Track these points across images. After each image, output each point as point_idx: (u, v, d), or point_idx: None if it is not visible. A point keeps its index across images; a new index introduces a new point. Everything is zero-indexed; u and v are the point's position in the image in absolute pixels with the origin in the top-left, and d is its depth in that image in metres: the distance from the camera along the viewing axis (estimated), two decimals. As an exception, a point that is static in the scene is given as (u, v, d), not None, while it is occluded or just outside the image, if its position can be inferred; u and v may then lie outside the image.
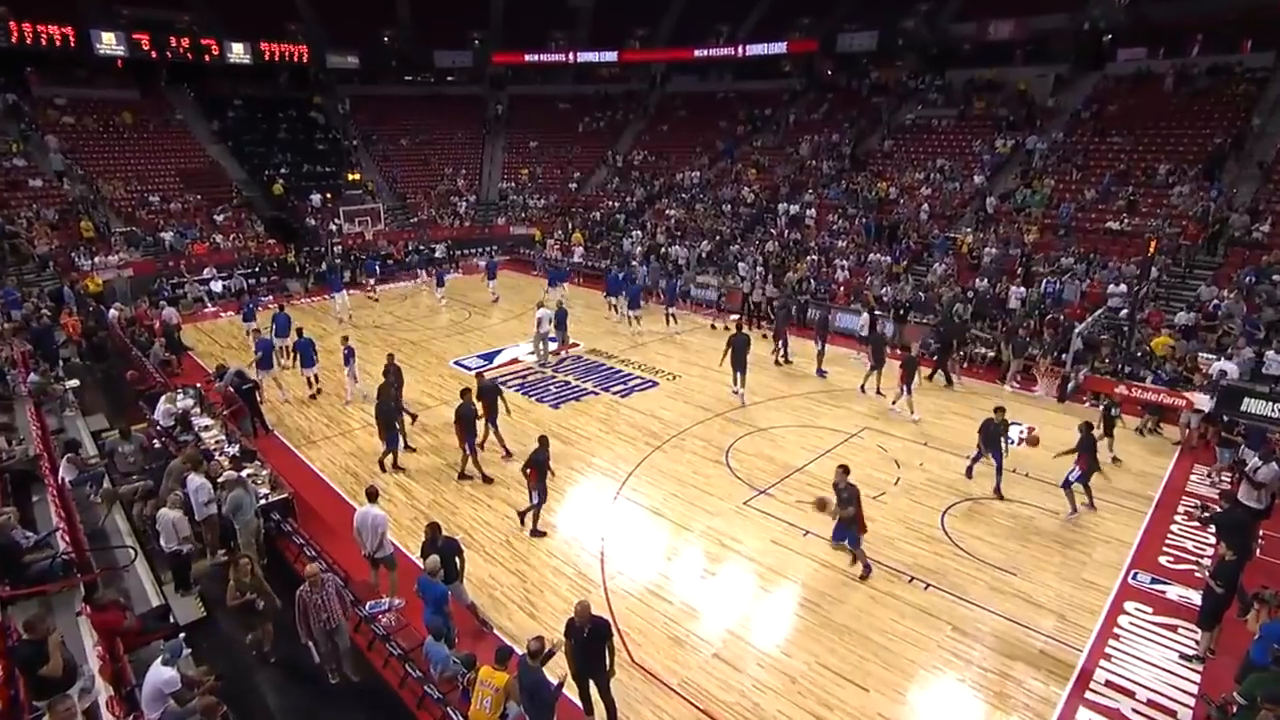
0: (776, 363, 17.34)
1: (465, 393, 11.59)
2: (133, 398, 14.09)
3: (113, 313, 20.03)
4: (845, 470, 9.06)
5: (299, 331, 15.85)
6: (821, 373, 16.55)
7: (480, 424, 11.82)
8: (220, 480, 9.31)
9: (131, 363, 16.44)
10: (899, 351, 16.72)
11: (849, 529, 8.99)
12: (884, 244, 23.42)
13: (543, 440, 10.01)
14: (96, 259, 23.74)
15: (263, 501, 9.63)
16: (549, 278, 24.26)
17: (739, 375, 15.02)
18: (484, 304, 23.83)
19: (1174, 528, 10.40)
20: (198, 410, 12.96)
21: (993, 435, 11.15)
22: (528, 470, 9.96)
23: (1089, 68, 27.75)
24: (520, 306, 22.91)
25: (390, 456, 12.00)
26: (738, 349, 14.93)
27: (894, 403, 14.35)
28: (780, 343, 17.45)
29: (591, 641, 6.57)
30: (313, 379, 15.54)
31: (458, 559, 8.05)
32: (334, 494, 11.40)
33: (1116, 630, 8.25)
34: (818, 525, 10.28)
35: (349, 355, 14.95)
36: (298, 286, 26.23)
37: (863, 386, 15.57)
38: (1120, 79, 26.56)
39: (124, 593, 8.03)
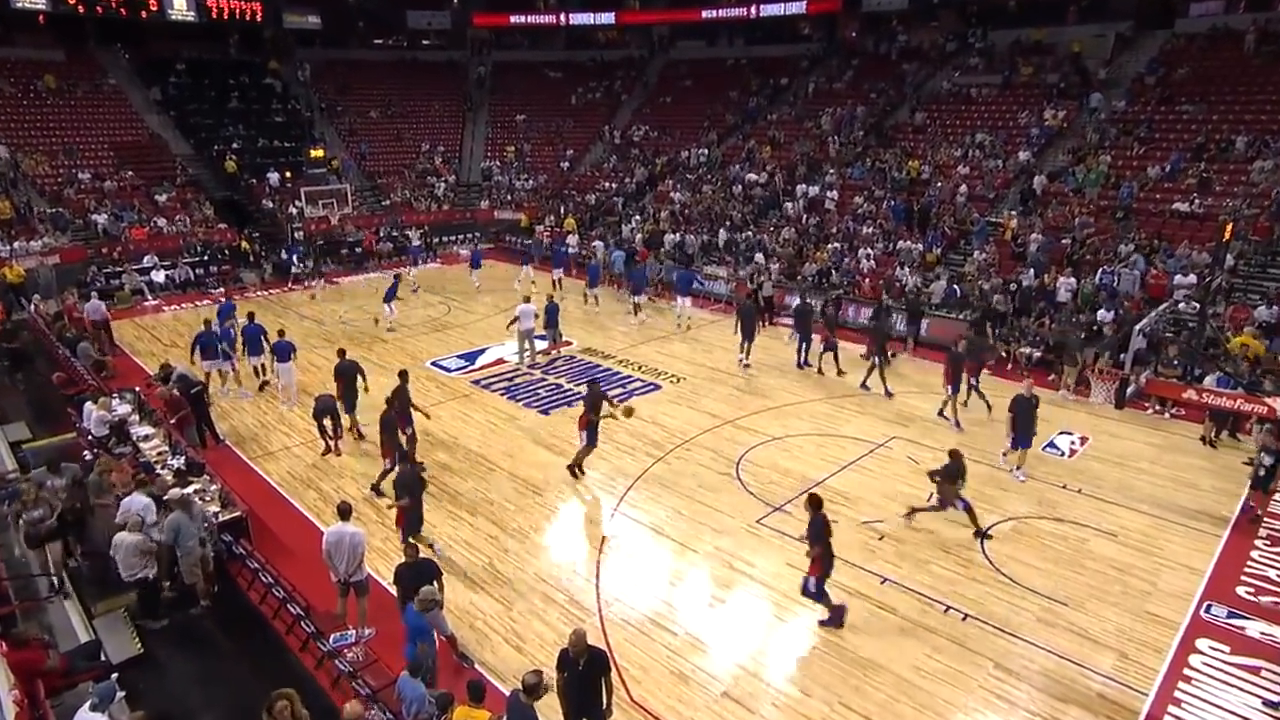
0: (799, 365, 17.33)
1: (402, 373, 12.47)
2: (60, 403, 14.09)
3: (35, 306, 20.03)
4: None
5: (250, 316, 16.24)
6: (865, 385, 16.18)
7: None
8: (164, 499, 9.30)
9: (58, 363, 16.43)
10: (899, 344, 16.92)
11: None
12: (915, 230, 23.45)
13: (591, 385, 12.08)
14: (16, 244, 23.60)
15: (207, 524, 9.58)
16: (553, 262, 24.18)
17: (746, 344, 16.71)
18: (465, 297, 23.85)
19: (1254, 553, 10.35)
20: (136, 417, 12.95)
21: (1025, 414, 11.96)
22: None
23: (1155, 25, 27.56)
24: (508, 300, 22.91)
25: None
26: (746, 317, 16.59)
27: (941, 411, 14.41)
28: (803, 344, 17.35)
29: (588, 675, 6.56)
30: (259, 369, 16.02)
31: (435, 584, 8.05)
32: (293, 511, 11.39)
33: (1187, 672, 8.20)
34: (840, 546, 10.24)
35: (286, 350, 14.97)
36: (253, 277, 26.24)
37: (864, 383, 15.92)
38: (1192, 37, 26.34)
39: (47, 628, 7.98)
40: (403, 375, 12.54)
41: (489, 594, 9.42)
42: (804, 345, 17.36)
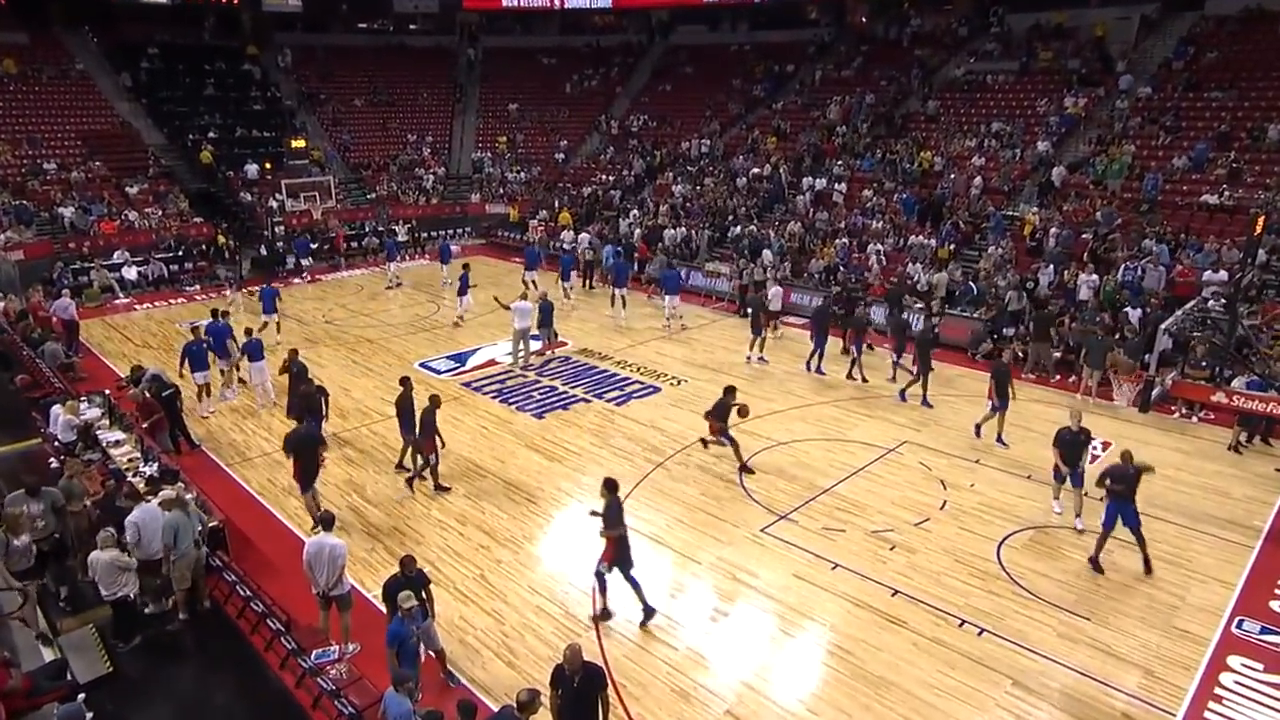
0: (809, 368, 17.30)
1: (404, 380, 12.58)
2: (25, 407, 14.05)
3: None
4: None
5: (215, 314, 16.28)
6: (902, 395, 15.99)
7: None
8: (158, 501, 9.27)
9: (23, 365, 16.41)
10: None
11: None
12: (927, 224, 23.48)
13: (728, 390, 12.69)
14: (-23, 239, 23.62)
15: (201, 524, 9.55)
16: (562, 271, 23.82)
17: (757, 340, 17.64)
18: (453, 295, 23.81)
19: (1288, 565, 10.33)
20: (106, 422, 12.93)
21: (1002, 380, 13.01)
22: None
23: (1183, 6, 27.47)
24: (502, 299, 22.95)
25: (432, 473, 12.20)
26: (756, 310, 17.82)
27: (979, 428, 14.08)
28: (818, 348, 17.12)
29: (584, 693, 6.55)
30: (223, 371, 16.08)
31: (424, 593, 8.03)
32: (275, 521, 11.38)
33: (1218, 691, 8.18)
34: (849, 557, 10.28)
35: (257, 348, 15.01)
36: (230, 275, 26.19)
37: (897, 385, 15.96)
38: (1222, 20, 26.31)
39: (9, 646, 7.95)
40: (431, 401, 12.12)
41: (480, 607, 9.40)
42: (819, 349, 17.12)
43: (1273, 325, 16.33)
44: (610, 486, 9.04)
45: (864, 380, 16.54)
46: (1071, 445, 10.92)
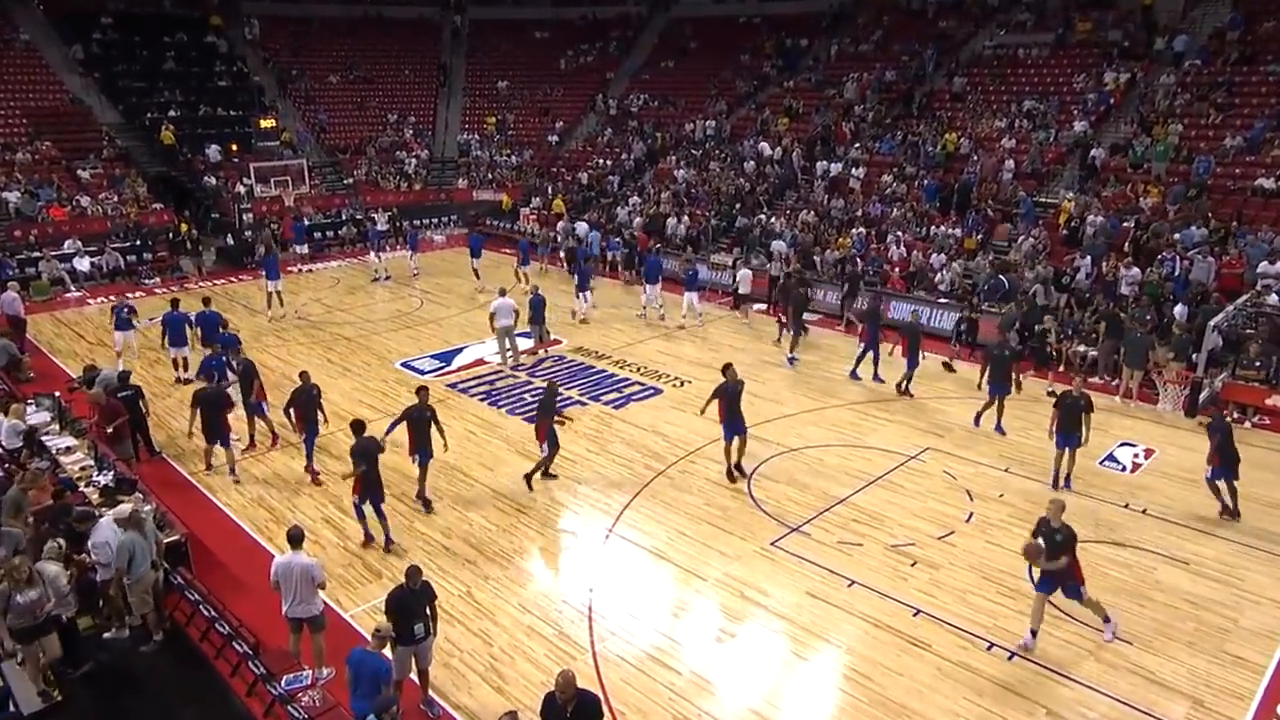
0: (854, 375, 16.94)
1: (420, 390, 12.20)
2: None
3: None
4: (1061, 506, 8.97)
5: (174, 303, 16.93)
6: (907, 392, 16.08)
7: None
8: (113, 517, 9.23)
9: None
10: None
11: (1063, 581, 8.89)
12: (952, 213, 23.47)
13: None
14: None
15: (158, 542, 9.52)
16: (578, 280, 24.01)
17: (794, 336, 17.76)
18: (439, 290, 23.89)
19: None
20: (56, 427, 12.90)
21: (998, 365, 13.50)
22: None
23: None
24: (488, 294, 22.95)
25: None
26: (794, 303, 17.80)
27: (978, 417, 14.54)
28: (871, 352, 16.48)
29: (576, 723, 6.53)
30: (179, 362, 16.65)
31: (429, 608, 7.92)
32: (242, 535, 11.37)
33: (1276, 721, 8.19)
34: (865, 573, 10.27)
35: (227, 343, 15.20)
36: (191, 266, 26.24)
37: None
38: (1284, -15, 26.21)
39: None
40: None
41: (466, 627, 9.39)
42: (873, 354, 16.45)
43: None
44: (357, 428, 10.56)
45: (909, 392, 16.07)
46: (1050, 543, 8.87)
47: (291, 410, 12.46)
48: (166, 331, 16.49)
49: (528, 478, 12.45)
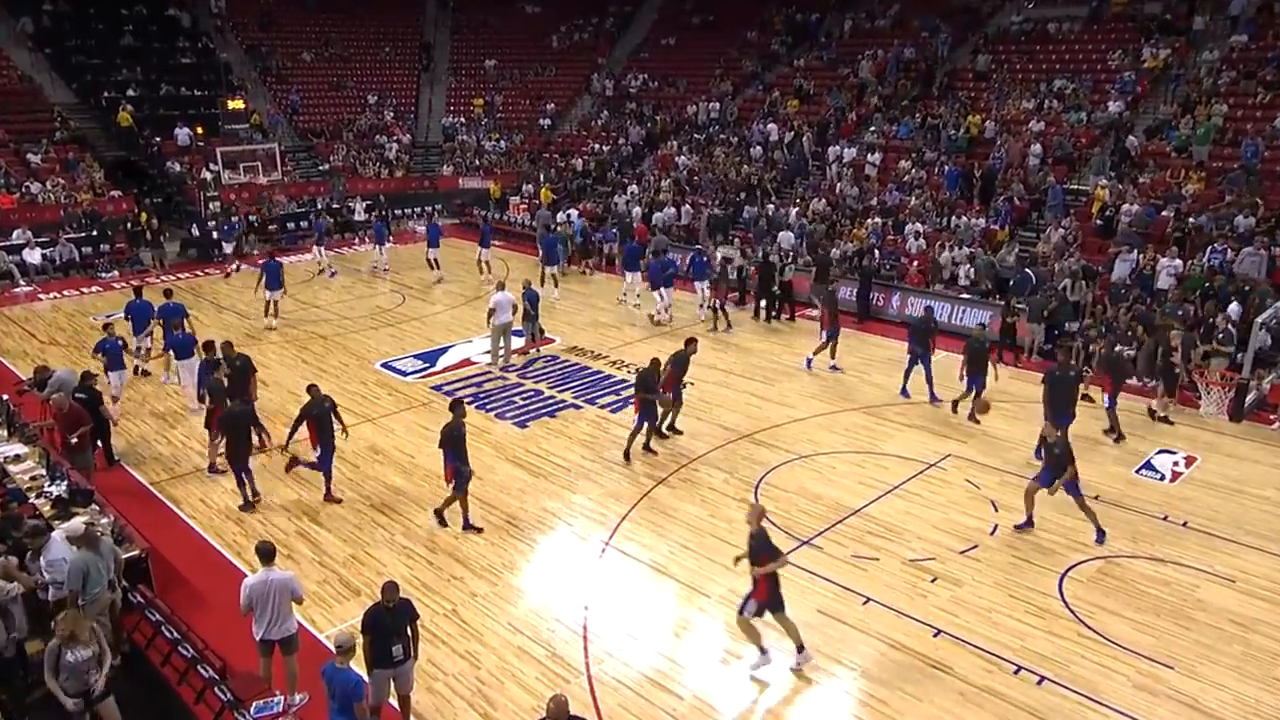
0: (902, 393, 16.40)
1: (456, 405, 11.87)
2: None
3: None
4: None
5: (137, 291, 17.25)
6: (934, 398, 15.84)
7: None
8: (65, 534, 9.18)
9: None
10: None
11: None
12: (975, 201, 23.47)
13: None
14: None
15: (115, 560, 9.47)
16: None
17: (830, 342, 17.10)
18: (424, 286, 23.89)
19: None
20: (3, 433, 12.87)
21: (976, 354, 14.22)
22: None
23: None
24: (475, 289, 23.02)
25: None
26: (833, 306, 17.16)
27: (955, 405, 15.00)
28: (923, 363, 15.66)
29: (569, 753, 6.51)
30: (144, 351, 16.96)
31: (410, 628, 7.92)
32: (209, 550, 11.34)
33: (1327, 753, 8.18)
34: (883, 590, 10.26)
35: (188, 345, 15.18)
36: (152, 259, 26.17)
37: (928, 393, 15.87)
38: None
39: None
40: (689, 342, 14.42)
41: (452, 649, 9.37)
42: (925, 366, 15.60)
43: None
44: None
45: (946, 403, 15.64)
46: (1050, 455, 11.32)
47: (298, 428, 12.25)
48: (131, 321, 16.60)
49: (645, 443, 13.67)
